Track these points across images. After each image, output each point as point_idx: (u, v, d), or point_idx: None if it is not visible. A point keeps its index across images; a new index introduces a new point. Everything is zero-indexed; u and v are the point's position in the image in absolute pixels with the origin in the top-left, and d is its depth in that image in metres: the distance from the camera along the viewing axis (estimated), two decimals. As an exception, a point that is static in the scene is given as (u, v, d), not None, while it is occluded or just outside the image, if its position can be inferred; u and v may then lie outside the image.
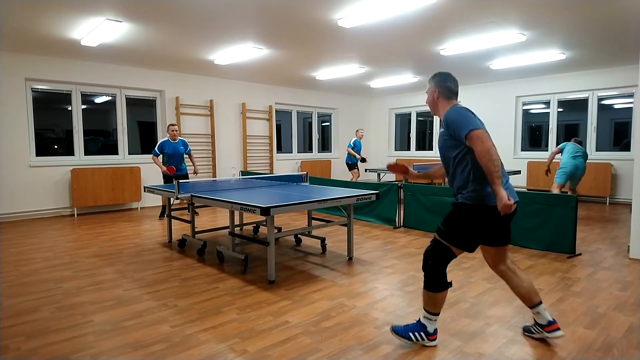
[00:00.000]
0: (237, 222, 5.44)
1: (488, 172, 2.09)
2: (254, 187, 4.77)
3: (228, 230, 4.52)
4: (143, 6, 4.46)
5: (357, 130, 9.39)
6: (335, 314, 2.84)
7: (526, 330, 2.52)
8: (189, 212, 5.66)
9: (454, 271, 3.78)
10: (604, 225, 5.89)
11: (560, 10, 4.65)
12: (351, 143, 9.22)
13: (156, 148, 6.50)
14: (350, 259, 4.22)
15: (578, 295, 3.18)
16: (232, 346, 2.39)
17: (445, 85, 2.42)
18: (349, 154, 9.22)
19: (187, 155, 6.80)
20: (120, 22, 4.91)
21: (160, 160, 6.60)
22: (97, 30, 5.15)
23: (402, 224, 5.81)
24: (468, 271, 3.79)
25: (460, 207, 2.29)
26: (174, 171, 6.53)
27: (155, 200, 7.97)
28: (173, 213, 5.21)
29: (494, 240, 2.35)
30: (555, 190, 6.20)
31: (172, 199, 4.87)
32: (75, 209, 7.01)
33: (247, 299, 3.13)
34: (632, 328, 2.60)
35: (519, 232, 4.65)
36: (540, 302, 2.39)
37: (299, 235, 4.99)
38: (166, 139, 6.57)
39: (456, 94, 2.46)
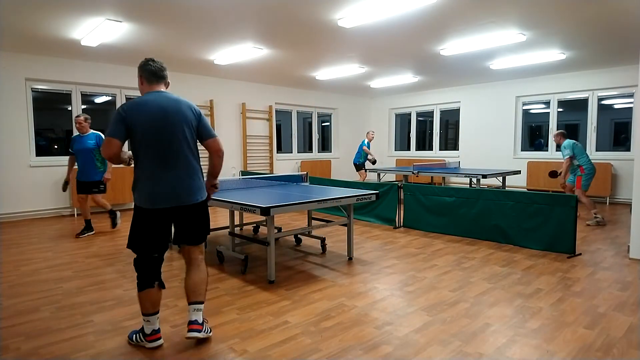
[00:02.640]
0: (237, 222, 5.44)
1: None
2: (254, 187, 4.77)
3: (228, 230, 4.52)
4: (143, 6, 4.46)
5: (367, 132, 9.03)
6: (335, 314, 2.84)
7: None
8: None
9: (454, 271, 3.78)
10: (604, 225, 5.89)
11: (560, 10, 4.65)
12: (365, 142, 8.89)
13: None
14: (350, 259, 4.23)
15: (578, 295, 3.18)
16: (232, 346, 2.39)
17: (146, 69, 2.60)
18: (358, 153, 9.00)
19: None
20: (120, 22, 4.91)
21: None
22: (97, 30, 5.15)
23: (402, 224, 5.81)
24: (468, 271, 3.79)
25: None
26: (67, 181, 5.32)
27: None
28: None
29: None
30: (584, 198, 5.87)
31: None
32: (75, 209, 7.01)
33: (247, 299, 3.13)
34: (632, 328, 2.60)
35: (519, 232, 4.66)
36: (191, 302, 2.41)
37: (299, 235, 4.99)
38: (78, 133, 5.30)
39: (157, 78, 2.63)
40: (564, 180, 6.19)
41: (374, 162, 8.91)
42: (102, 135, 5.26)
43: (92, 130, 5.30)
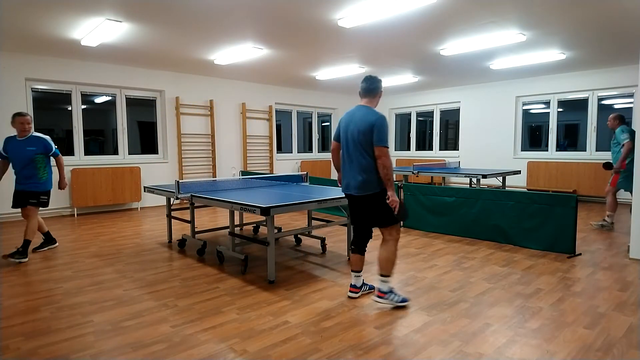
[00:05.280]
0: (237, 222, 5.44)
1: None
2: (254, 187, 4.77)
3: (228, 230, 4.52)
4: (143, 6, 4.45)
5: None
6: (335, 314, 2.84)
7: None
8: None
9: (454, 271, 3.78)
10: (610, 230, 5.88)
11: (560, 10, 4.65)
12: None
13: (1, 149, 4.42)
14: (350, 258, 4.22)
15: (578, 295, 3.18)
16: (232, 346, 2.39)
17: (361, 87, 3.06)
18: None
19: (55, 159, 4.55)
20: (120, 22, 4.91)
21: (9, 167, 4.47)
22: (97, 30, 5.15)
23: (402, 224, 5.81)
24: (468, 271, 3.79)
25: None
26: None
27: (156, 200, 7.98)
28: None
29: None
30: (610, 197, 5.47)
31: (172, 199, 4.87)
32: (75, 209, 7.01)
33: (247, 299, 3.13)
34: (632, 328, 2.60)
35: (519, 232, 4.66)
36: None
37: (299, 235, 4.99)
38: (14, 135, 4.37)
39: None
40: (619, 166, 5.31)
41: None
42: (48, 139, 4.44)
43: (34, 134, 4.40)
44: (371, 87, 2.99)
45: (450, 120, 10.79)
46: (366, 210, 2.98)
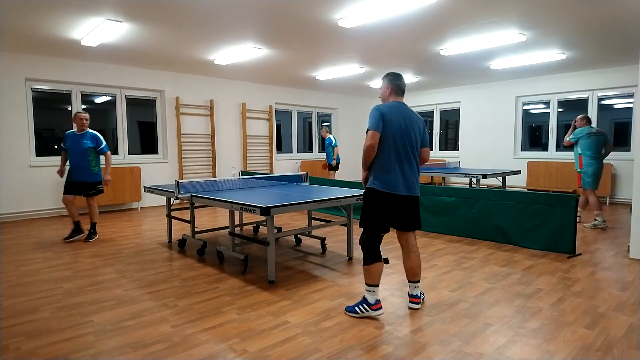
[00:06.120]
0: (237, 222, 5.44)
1: None
2: (254, 187, 4.77)
3: (228, 230, 4.52)
4: (143, 6, 4.46)
5: (324, 129, 9.47)
6: (335, 314, 2.84)
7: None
8: None
9: (454, 271, 3.78)
10: (604, 228, 5.88)
11: (560, 10, 4.65)
12: (334, 142, 9.18)
13: (62, 143, 5.15)
14: (350, 259, 4.22)
15: (578, 295, 3.18)
16: (232, 346, 2.39)
17: (395, 83, 2.89)
18: (330, 154, 9.21)
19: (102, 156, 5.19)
20: (120, 22, 4.91)
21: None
22: (97, 30, 5.15)
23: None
24: (468, 271, 3.79)
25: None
26: (60, 175, 5.15)
27: (156, 200, 7.98)
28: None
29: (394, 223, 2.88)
30: (592, 197, 5.70)
31: (172, 199, 4.87)
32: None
33: (247, 299, 3.13)
34: (632, 328, 2.60)
35: (519, 232, 4.65)
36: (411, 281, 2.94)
37: (299, 235, 4.99)
38: (73, 130, 5.10)
39: (403, 92, 2.93)
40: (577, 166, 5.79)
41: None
42: (100, 136, 5.12)
43: (89, 130, 5.09)
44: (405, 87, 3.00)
45: (450, 120, 10.79)
46: (416, 212, 2.89)
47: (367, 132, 2.69)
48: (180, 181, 4.28)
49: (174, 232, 5.49)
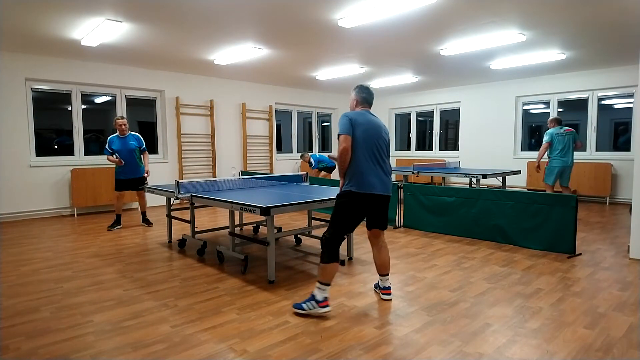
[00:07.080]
0: (237, 222, 5.44)
1: None
2: (254, 187, 4.77)
3: (228, 230, 4.52)
4: (143, 6, 4.46)
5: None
6: (335, 314, 2.84)
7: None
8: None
9: (454, 271, 3.78)
10: (604, 225, 5.89)
11: (560, 10, 4.65)
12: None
13: (107, 147, 5.76)
14: (350, 259, 4.22)
15: (578, 295, 3.18)
16: (232, 346, 2.39)
17: (362, 95, 3.16)
18: (323, 157, 8.92)
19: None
20: (120, 22, 4.91)
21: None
22: (97, 30, 5.15)
23: (402, 224, 5.81)
24: (468, 271, 3.79)
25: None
26: (122, 163, 5.74)
27: (156, 200, 7.98)
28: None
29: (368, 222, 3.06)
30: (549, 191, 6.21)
31: (172, 199, 4.87)
32: (75, 209, 7.01)
33: (247, 299, 3.13)
34: (632, 328, 2.60)
35: (519, 232, 4.66)
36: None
37: (299, 235, 4.99)
38: (115, 134, 5.82)
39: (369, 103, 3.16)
40: (537, 163, 6.41)
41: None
42: (141, 137, 5.93)
43: (131, 132, 5.86)
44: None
45: (450, 120, 10.79)
46: (385, 211, 3.04)
47: (338, 137, 2.87)
48: (180, 181, 4.28)
49: (174, 232, 5.49)
